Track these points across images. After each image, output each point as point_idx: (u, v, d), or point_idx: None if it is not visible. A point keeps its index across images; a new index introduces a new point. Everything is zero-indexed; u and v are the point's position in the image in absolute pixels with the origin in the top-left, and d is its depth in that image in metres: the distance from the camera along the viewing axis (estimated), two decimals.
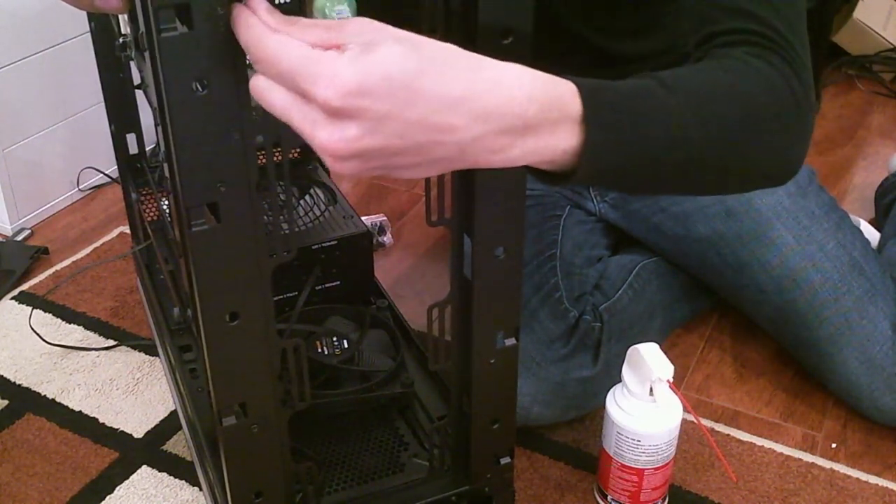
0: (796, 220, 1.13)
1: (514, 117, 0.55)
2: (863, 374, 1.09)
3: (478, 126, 0.54)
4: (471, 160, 0.56)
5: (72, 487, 1.03)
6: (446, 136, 0.53)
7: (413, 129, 0.52)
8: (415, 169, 0.55)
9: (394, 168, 0.55)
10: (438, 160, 0.55)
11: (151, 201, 1.22)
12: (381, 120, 0.51)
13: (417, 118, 0.52)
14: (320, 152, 0.53)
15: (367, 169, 0.54)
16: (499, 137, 0.55)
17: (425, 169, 0.56)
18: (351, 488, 0.90)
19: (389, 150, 0.53)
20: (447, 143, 0.54)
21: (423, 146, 0.53)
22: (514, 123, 0.55)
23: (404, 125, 0.52)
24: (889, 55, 2.03)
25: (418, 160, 0.54)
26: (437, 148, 0.54)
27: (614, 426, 0.94)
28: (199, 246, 0.65)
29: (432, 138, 0.53)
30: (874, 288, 1.11)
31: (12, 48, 1.41)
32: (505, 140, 0.56)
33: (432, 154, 0.54)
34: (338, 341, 1.00)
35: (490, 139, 0.55)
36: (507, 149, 0.56)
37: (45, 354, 1.23)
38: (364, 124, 0.51)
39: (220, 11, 0.57)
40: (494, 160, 0.56)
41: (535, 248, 1.16)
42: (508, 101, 0.55)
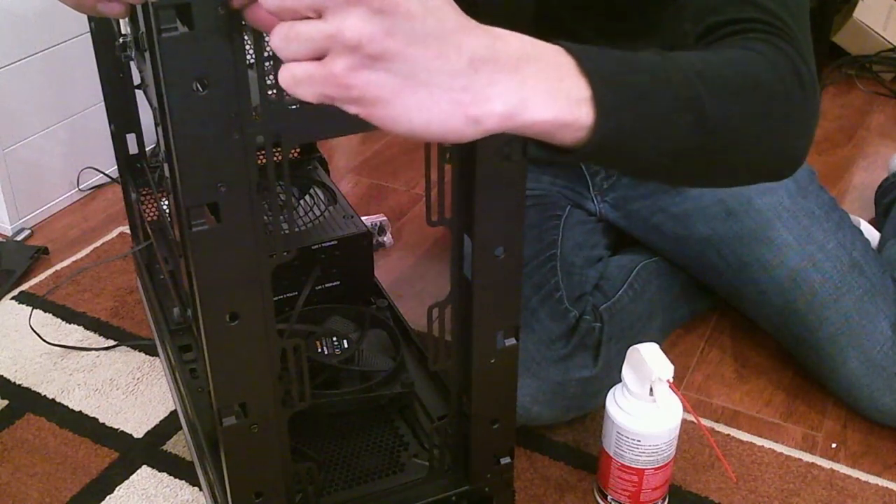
0: (796, 219, 1.13)
1: (517, 49, 0.53)
2: (863, 374, 1.09)
3: (490, 40, 0.52)
4: (486, 90, 0.52)
5: (72, 487, 1.03)
6: (463, 35, 0.51)
7: (442, 14, 0.50)
8: (426, 88, 0.50)
9: (408, 72, 0.50)
10: (451, 76, 0.51)
11: (151, 201, 1.22)
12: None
13: (447, 9, 0.50)
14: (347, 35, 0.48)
15: (384, 51, 0.49)
16: (509, 69, 0.52)
17: (437, 95, 0.51)
18: (351, 488, 0.90)
19: (416, 23, 0.49)
20: (462, 49, 0.51)
21: (444, 41, 0.50)
22: (519, 54, 0.53)
23: (437, 6, 0.50)
24: (889, 55, 2.03)
25: (434, 64, 0.50)
26: (452, 53, 0.50)
27: (614, 426, 0.94)
28: (199, 246, 0.65)
29: (452, 33, 0.50)
30: (874, 288, 1.11)
31: (12, 48, 1.41)
32: (516, 75, 0.53)
33: (447, 59, 0.50)
34: (338, 341, 1.00)
35: (502, 65, 0.52)
36: (522, 86, 0.53)
37: (45, 354, 1.23)
38: None
39: (221, 11, 0.57)
40: (513, 98, 0.53)
41: (536, 248, 1.16)
42: (506, 34, 0.53)
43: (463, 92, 0.51)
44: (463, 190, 0.72)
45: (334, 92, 0.50)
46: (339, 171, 1.69)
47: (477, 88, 0.51)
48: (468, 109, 0.52)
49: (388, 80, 0.50)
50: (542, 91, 0.54)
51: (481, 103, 0.52)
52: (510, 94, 0.53)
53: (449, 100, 0.51)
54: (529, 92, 0.53)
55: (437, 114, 0.51)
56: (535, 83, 0.53)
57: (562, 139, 0.57)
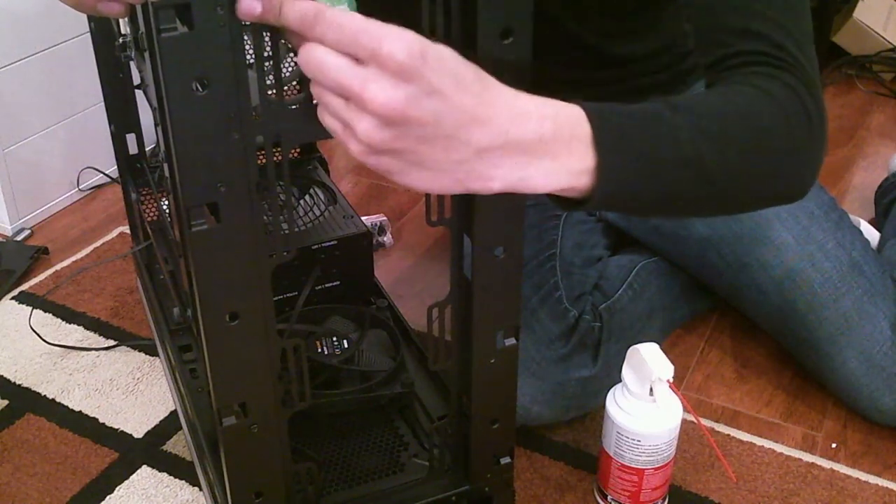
0: (796, 219, 1.13)
1: (532, 133, 0.57)
2: (862, 374, 1.09)
3: (505, 127, 0.56)
4: (486, 171, 0.57)
5: (72, 487, 1.03)
6: (473, 129, 0.55)
7: (454, 113, 0.54)
8: (430, 170, 0.57)
9: (415, 161, 0.56)
10: (456, 165, 0.56)
11: (151, 201, 1.22)
12: (433, 93, 0.53)
13: (460, 103, 0.54)
14: (366, 107, 0.53)
15: (392, 149, 0.55)
16: (517, 153, 0.57)
17: (439, 175, 0.57)
18: (351, 488, 0.90)
19: (426, 129, 0.54)
20: (471, 143, 0.55)
21: (452, 138, 0.55)
22: (532, 139, 0.57)
23: (449, 106, 0.54)
24: (889, 55, 2.03)
25: (440, 156, 0.56)
26: (461, 147, 0.55)
27: (614, 426, 0.94)
28: (199, 246, 0.65)
29: (464, 131, 0.55)
30: (874, 288, 1.11)
31: (12, 48, 1.41)
32: (522, 158, 0.57)
33: (454, 153, 0.56)
34: (338, 341, 1.00)
35: (510, 151, 0.57)
36: (523, 167, 0.58)
37: (45, 354, 1.23)
38: (420, 89, 0.53)
39: (220, 11, 0.57)
40: (512, 178, 0.58)
41: (535, 248, 1.16)
42: (527, 114, 0.57)
43: (465, 174, 0.57)
44: None
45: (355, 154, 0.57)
46: (339, 171, 1.69)
47: (479, 171, 0.57)
48: (468, 185, 0.58)
49: (397, 163, 0.56)
50: (546, 170, 0.59)
51: (481, 182, 0.58)
52: (510, 175, 0.58)
53: (451, 179, 0.57)
54: (531, 172, 0.59)
55: (438, 186, 0.58)
56: (539, 163, 0.58)
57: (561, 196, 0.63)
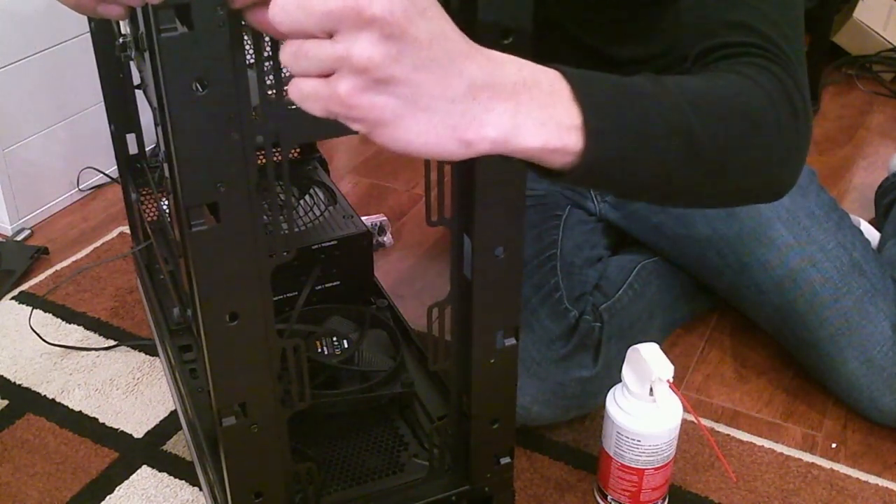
0: (796, 220, 1.13)
1: (514, 76, 0.55)
2: (863, 374, 1.09)
3: (489, 67, 0.54)
4: (480, 115, 0.54)
5: (72, 487, 1.03)
6: (465, 62, 0.53)
7: (446, 40, 0.52)
8: (425, 113, 0.53)
9: (411, 96, 0.52)
10: (451, 103, 0.53)
11: (151, 201, 1.22)
12: (426, 13, 0.51)
13: (451, 33, 0.52)
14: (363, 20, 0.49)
15: (389, 76, 0.51)
16: (505, 96, 0.55)
17: (434, 120, 0.53)
18: (351, 488, 0.90)
19: (422, 52, 0.51)
20: (464, 75, 0.53)
21: (446, 68, 0.52)
22: (515, 81, 0.55)
23: (441, 31, 0.52)
24: (889, 55, 2.03)
25: (435, 90, 0.52)
26: (454, 78, 0.52)
27: (614, 426, 0.94)
28: (198, 246, 0.65)
29: (457, 62, 0.52)
30: (874, 288, 1.11)
31: (12, 48, 1.41)
32: (511, 102, 0.55)
33: (448, 87, 0.52)
34: (338, 341, 1.00)
35: (499, 92, 0.54)
36: (514, 113, 0.55)
37: (45, 354, 1.23)
38: (413, 6, 0.50)
39: (220, 11, 0.57)
40: (506, 125, 0.55)
41: (536, 248, 1.16)
42: (505, 60, 0.56)
43: (460, 117, 0.54)
44: (463, 190, 0.72)
45: (339, 110, 0.52)
46: (339, 171, 1.69)
47: (473, 114, 0.54)
48: (463, 134, 0.54)
49: (391, 103, 0.52)
50: (535, 119, 0.56)
51: (476, 128, 0.54)
52: (504, 121, 0.55)
53: (446, 125, 0.53)
54: (522, 119, 0.56)
55: (433, 137, 0.54)
56: (528, 111, 0.56)
57: (551, 163, 0.59)
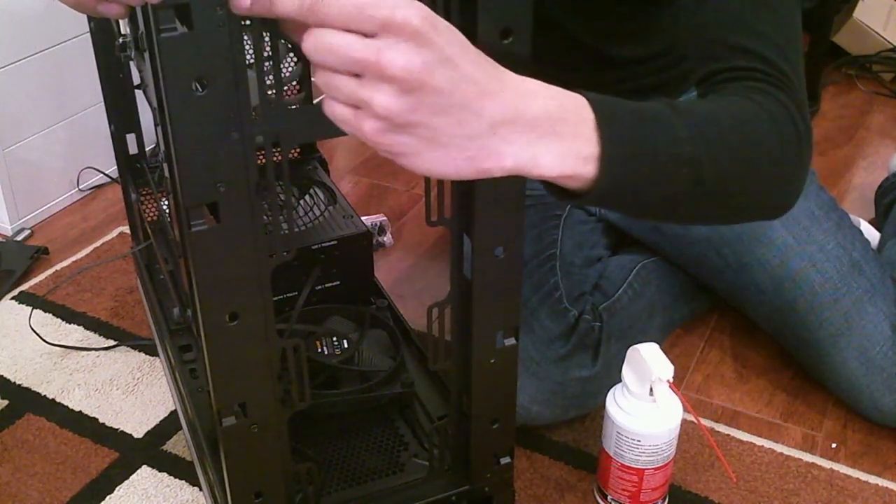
0: (796, 220, 1.13)
1: (541, 109, 0.57)
2: (862, 374, 1.09)
3: (514, 102, 0.56)
4: (498, 148, 0.56)
5: (72, 487, 1.03)
6: (486, 101, 0.55)
7: (467, 84, 0.54)
8: (443, 148, 0.55)
9: (430, 137, 0.54)
10: (469, 139, 0.55)
11: (151, 201, 1.22)
12: (447, 60, 0.53)
13: (471, 72, 0.54)
14: (384, 74, 0.51)
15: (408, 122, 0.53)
16: (527, 129, 0.57)
17: (452, 152, 0.55)
18: (351, 488, 0.90)
19: (442, 98, 0.53)
20: (484, 115, 0.55)
21: (466, 110, 0.54)
22: (541, 115, 0.57)
23: (461, 76, 0.53)
24: (889, 55, 2.03)
25: (454, 130, 0.55)
26: (473, 120, 0.55)
27: (614, 426, 0.94)
28: (198, 246, 0.65)
29: (477, 102, 0.54)
30: (874, 288, 1.11)
31: (12, 48, 1.41)
32: (532, 134, 0.57)
33: (467, 126, 0.55)
34: (338, 341, 1.00)
35: (521, 126, 0.56)
36: (534, 145, 0.57)
37: (45, 354, 1.23)
38: (435, 55, 0.52)
39: (220, 11, 0.57)
40: (523, 157, 0.57)
41: (535, 248, 1.16)
42: (534, 92, 0.57)
43: (478, 150, 0.56)
44: (463, 190, 0.72)
45: (367, 138, 0.55)
46: (339, 171, 1.69)
47: (492, 148, 0.56)
48: (481, 164, 0.57)
49: (411, 142, 0.55)
50: (554, 151, 0.58)
51: (494, 160, 0.57)
52: (522, 153, 0.57)
53: (465, 157, 0.56)
54: (541, 151, 0.58)
55: (451, 167, 0.56)
56: (548, 143, 0.58)
57: (564, 186, 0.62)
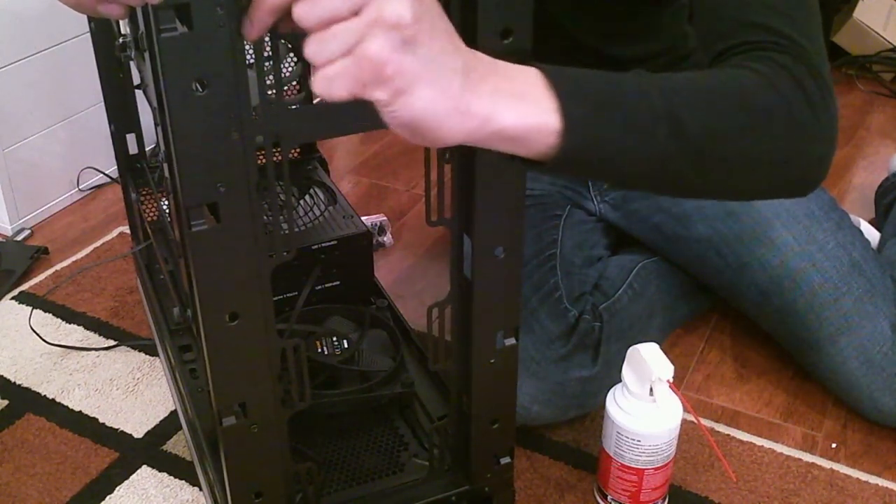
0: (796, 220, 1.13)
1: (489, 62, 0.59)
2: (862, 374, 1.09)
3: (473, 54, 0.58)
4: (472, 85, 0.57)
5: (72, 487, 1.03)
6: (458, 42, 0.57)
7: (441, 19, 0.56)
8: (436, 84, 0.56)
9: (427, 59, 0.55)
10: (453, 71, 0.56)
11: (151, 201, 1.22)
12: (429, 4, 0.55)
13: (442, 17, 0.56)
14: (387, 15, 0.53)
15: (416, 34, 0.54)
16: (494, 77, 0.58)
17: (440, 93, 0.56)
18: (351, 488, 0.90)
19: (435, 20, 0.55)
20: (459, 50, 0.57)
21: (451, 36, 0.57)
22: (492, 65, 0.59)
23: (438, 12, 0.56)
24: (889, 55, 2.03)
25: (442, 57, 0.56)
26: (453, 51, 0.57)
27: (614, 426, 0.94)
28: (198, 246, 0.65)
29: (452, 37, 0.57)
30: (874, 288, 1.11)
31: (12, 48, 1.41)
32: (490, 84, 0.58)
33: (451, 54, 0.56)
34: (338, 341, 1.00)
35: (481, 73, 0.58)
36: (494, 91, 0.58)
37: (45, 354, 1.23)
38: None
39: (220, 11, 0.57)
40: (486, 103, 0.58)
41: (535, 248, 1.16)
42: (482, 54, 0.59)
43: (458, 91, 0.57)
44: (463, 190, 0.72)
45: (368, 76, 0.54)
46: (339, 171, 1.69)
47: (467, 88, 0.57)
48: (457, 104, 0.57)
49: (413, 64, 0.55)
50: (515, 100, 0.59)
51: (467, 101, 0.57)
52: (490, 100, 0.58)
53: (447, 96, 0.56)
54: (503, 98, 0.59)
55: (440, 107, 0.56)
56: (508, 93, 0.59)
57: (536, 147, 0.61)
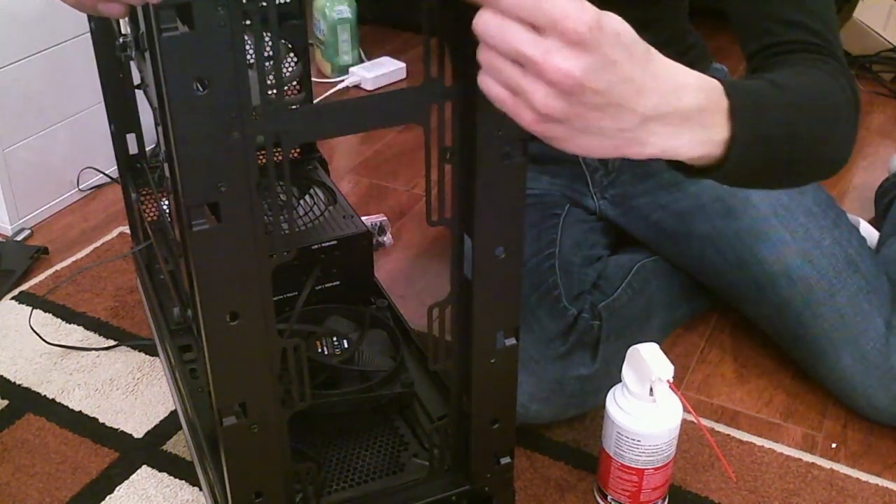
0: (794, 217, 1.13)
1: (691, 103, 0.62)
2: (857, 371, 1.10)
3: (667, 97, 0.60)
4: (645, 138, 0.60)
5: (72, 487, 1.03)
6: (641, 99, 0.58)
7: (625, 84, 0.57)
8: (594, 136, 0.59)
9: (583, 128, 0.58)
10: (620, 131, 0.59)
11: (151, 201, 1.22)
12: (609, 64, 0.55)
13: (630, 73, 0.57)
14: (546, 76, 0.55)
15: (564, 116, 0.57)
16: (676, 121, 0.61)
17: (602, 140, 0.59)
18: (351, 488, 0.90)
19: (599, 98, 0.56)
20: (638, 111, 0.59)
21: (621, 107, 0.58)
22: (691, 108, 0.62)
23: (621, 77, 0.56)
24: (889, 55, 2.03)
25: (607, 123, 0.58)
26: (627, 115, 0.58)
27: (614, 426, 0.94)
28: (199, 246, 0.65)
29: (633, 100, 0.58)
30: (869, 285, 1.11)
31: (12, 48, 1.41)
32: (678, 125, 0.61)
33: (621, 121, 0.58)
34: (338, 341, 1.00)
35: (670, 119, 0.60)
36: (678, 135, 0.62)
37: (45, 354, 1.23)
38: (597, 60, 0.55)
39: (221, 11, 0.57)
40: (665, 145, 0.61)
41: (535, 247, 1.16)
42: (686, 85, 0.62)
43: (625, 141, 0.60)
44: (463, 190, 0.72)
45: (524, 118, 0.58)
46: (339, 171, 1.69)
47: (639, 138, 0.61)
48: (625, 150, 0.61)
49: (564, 131, 0.58)
50: (694, 139, 0.64)
51: (637, 147, 0.61)
52: (666, 143, 0.62)
53: (612, 145, 0.60)
54: (684, 139, 0.63)
55: (597, 150, 0.60)
56: (691, 132, 0.63)
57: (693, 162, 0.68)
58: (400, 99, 0.67)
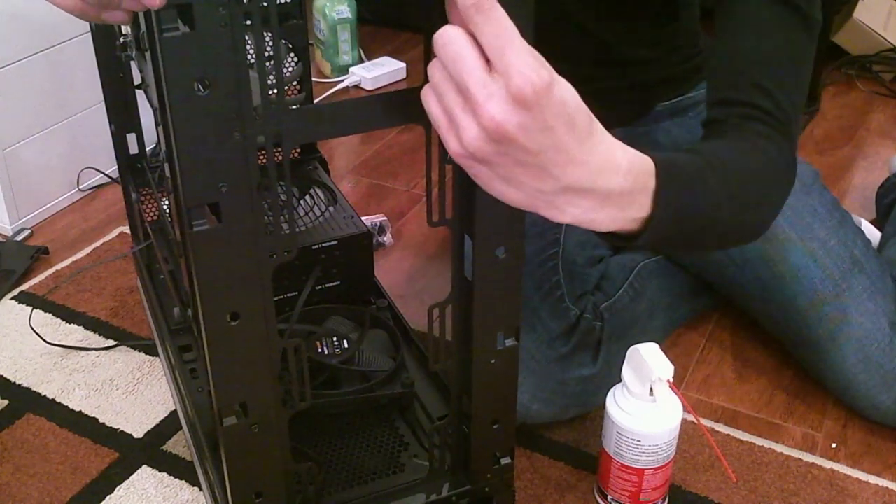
0: (800, 216, 1.13)
1: (616, 185, 0.62)
2: (860, 371, 1.10)
3: (594, 176, 0.60)
4: (562, 206, 0.61)
5: (72, 487, 1.03)
6: (567, 169, 0.59)
7: (556, 151, 0.57)
8: (513, 189, 0.59)
9: (504, 176, 0.59)
10: (539, 192, 0.59)
11: (151, 201, 1.22)
12: (545, 129, 0.56)
13: (565, 143, 0.57)
14: (480, 119, 0.55)
15: (490, 161, 0.57)
16: (595, 199, 0.62)
17: (519, 195, 0.60)
18: (351, 488, 0.90)
19: (527, 156, 0.57)
20: (561, 179, 0.59)
21: (546, 171, 0.58)
22: (614, 190, 0.62)
23: (554, 143, 0.57)
24: (889, 55, 2.03)
25: (528, 181, 0.59)
26: (549, 180, 0.59)
27: (614, 426, 0.94)
28: (199, 246, 0.65)
29: (559, 168, 0.58)
30: (874, 286, 1.11)
31: (12, 48, 1.41)
32: (599, 204, 0.62)
33: (542, 183, 0.59)
34: (338, 341, 1.00)
35: (590, 196, 0.61)
36: (596, 210, 0.62)
37: (45, 354, 1.23)
38: (535, 122, 0.55)
39: (222, 11, 0.57)
40: (581, 217, 0.62)
41: (537, 247, 1.16)
42: (617, 167, 0.62)
43: (543, 203, 0.61)
44: (463, 190, 0.72)
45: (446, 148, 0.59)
46: (339, 171, 1.69)
47: (556, 204, 0.61)
48: (542, 210, 0.61)
49: (486, 174, 0.59)
50: (611, 216, 0.64)
51: (554, 213, 0.62)
52: (583, 215, 0.63)
53: (528, 201, 0.61)
54: (601, 216, 0.63)
55: (515, 201, 0.61)
56: (609, 210, 0.63)
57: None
58: (400, 99, 0.67)
